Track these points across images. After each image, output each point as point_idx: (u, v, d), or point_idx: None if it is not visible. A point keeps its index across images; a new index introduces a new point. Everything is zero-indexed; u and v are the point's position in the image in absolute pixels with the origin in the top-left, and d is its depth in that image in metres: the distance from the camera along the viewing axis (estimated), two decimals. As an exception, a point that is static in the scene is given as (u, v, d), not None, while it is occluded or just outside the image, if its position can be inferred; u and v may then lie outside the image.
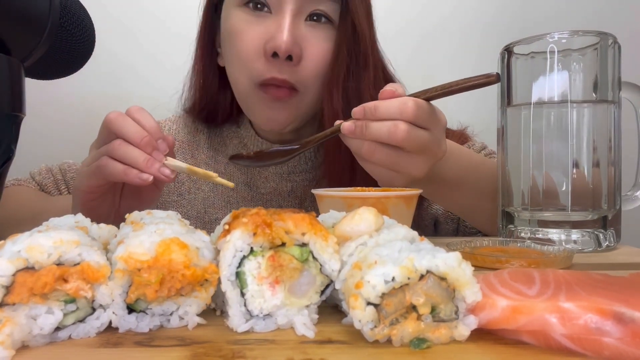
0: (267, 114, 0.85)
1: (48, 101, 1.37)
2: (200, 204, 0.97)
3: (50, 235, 0.34)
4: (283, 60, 0.78)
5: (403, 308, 0.32)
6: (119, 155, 0.64)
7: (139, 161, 0.64)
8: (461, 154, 0.80)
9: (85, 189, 0.69)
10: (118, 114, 0.67)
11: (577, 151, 0.66)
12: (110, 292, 0.35)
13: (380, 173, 0.68)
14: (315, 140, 0.72)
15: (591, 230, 0.66)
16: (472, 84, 0.64)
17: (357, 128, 0.65)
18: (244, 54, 0.81)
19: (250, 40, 0.80)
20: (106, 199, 0.72)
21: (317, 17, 0.81)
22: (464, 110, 1.05)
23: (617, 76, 0.68)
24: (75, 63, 0.62)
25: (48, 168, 1.01)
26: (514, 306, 0.32)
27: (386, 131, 0.62)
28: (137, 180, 0.63)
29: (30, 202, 0.91)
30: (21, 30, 0.51)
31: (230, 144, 0.99)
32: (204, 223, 0.96)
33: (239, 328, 0.35)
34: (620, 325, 0.30)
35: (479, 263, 0.56)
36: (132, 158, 0.64)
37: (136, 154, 0.64)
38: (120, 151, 0.64)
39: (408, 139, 0.62)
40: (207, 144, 1.00)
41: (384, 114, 0.63)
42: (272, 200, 0.96)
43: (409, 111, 0.62)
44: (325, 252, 0.36)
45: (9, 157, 0.50)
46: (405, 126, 0.62)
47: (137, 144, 0.64)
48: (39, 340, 0.33)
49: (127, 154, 0.64)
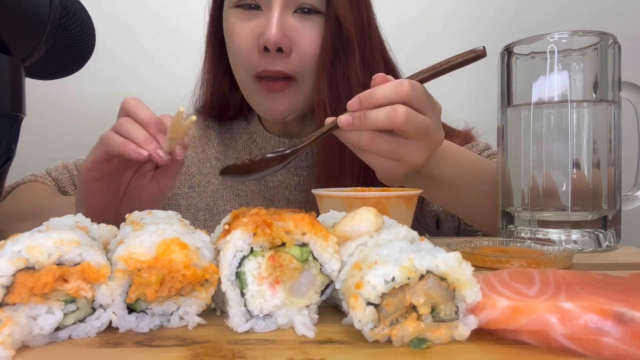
0: (266, 104, 0.89)
1: (48, 101, 1.37)
2: (209, 196, 1.01)
3: (51, 235, 0.34)
4: (274, 53, 0.83)
5: (403, 308, 0.32)
6: (122, 130, 0.66)
7: (140, 137, 0.65)
8: (458, 154, 0.80)
9: (89, 165, 0.70)
10: (135, 98, 0.70)
11: (577, 151, 0.66)
12: (111, 292, 0.35)
13: (381, 163, 0.67)
14: (310, 141, 0.69)
15: (591, 231, 0.66)
16: (462, 60, 0.65)
17: (355, 119, 0.64)
18: (240, 50, 0.87)
19: (244, 36, 0.85)
20: (109, 184, 0.72)
21: (305, 9, 0.85)
22: (466, 109, 1.05)
23: (617, 76, 0.68)
24: (76, 63, 0.62)
25: (64, 165, 1.02)
26: (514, 306, 0.32)
27: (385, 116, 0.62)
28: (133, 154, 0.64)
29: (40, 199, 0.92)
30: (21, 30, 0.51)
31: (240, 140, 1.03)
32: (213, 215, 0.99)
33: (239, 328, 0.35)
34: (620, 325, 0.30)
35: (479, 263, 0.56)
36: (133, 134, 0.66)
37: (138, 131, 0.66)
38: (125, 127, 0.66)
39: (408, 121, 0.62)
40: (218, 139, 1.05)
41: (381, 97, 0.63)
42: (279, 194, 0.99)
43: (405, 91, 0.62)
44: (326, 252, 0.36)
45: (9, 157, 0.50)
46: (404, 109, 0.62)
47: (144, 123, 0.66)
48: (39, 340, 0.33)
49: (130, 130, 0.66)
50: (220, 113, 1.02)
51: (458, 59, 0.65)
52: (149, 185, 0.75)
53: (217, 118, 1.04)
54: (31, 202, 0.91)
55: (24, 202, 0.92)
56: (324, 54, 0.85)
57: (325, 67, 0.85)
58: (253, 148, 1.01)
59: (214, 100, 1.00)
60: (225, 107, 1.01)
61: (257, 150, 1.01)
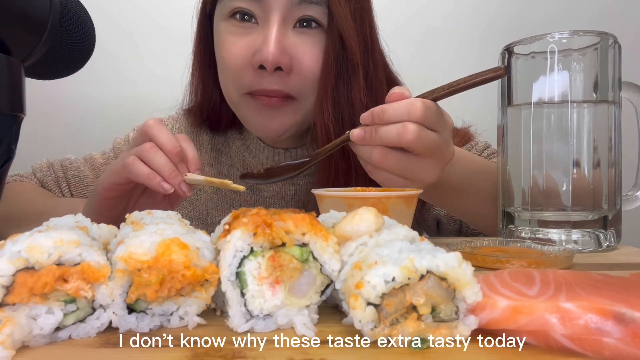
0: (259, 121, 0.83)
1: (48, 101, 1.37)
2: (202, 205, 0.97)
3: (51, 235, 0.34)
4: (272, 72, 0.77)
5: (403, 308, 0.32)
6: (147, 158, 0.66)
7: (165, 169, 0.65)
8: (466, 160, 0.79)
9: (106, 186, 0.70)
10: (157, 121, 0.69)
11: (578, 151, 0.66)
12: (111, 292, 0.35)
13: (392, 182, 0.67)
14: (325, 152, 0.72)
15: (591, 230, 0.66)
16: (480, 79, 0.63)
17: (367, 133, 0.65)
18: (232, 66, 0.80)
19: (237, 52, 0.79)
20: (121, 202, 0.73)
21: (306, 22, 0.79)
22: (467, 108, 1.05)
23: (617, 76, 0.68)
24: (76, 63, 0.62)
25: (49, 164, 1.00)
26: (515, 306, 0.32)
27: (395, 133, 0.62)
28: (158, 188, 0.65)
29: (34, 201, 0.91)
30: (21, 30, 0.51)
31: (233, 145, 0.98)
32: (206, 225, 0.96)
33: (239, 328, 0.35)
34: (620, 325, 0.30)
35: (479, 263, 0.56)
36: (159, 164, 0.65)
37: (163, 162, 0.65)
38: (150, 155, 0.66)
39: (418, 139, 0.61)
40: (210, 144, 0.99)
41: (392, 116, 0.62)
42: (274, 204, 0.96)
43: (418, 112, 0.61)
44: (326, 252, 0.36)
45: (9, 157, 0.50)
46: (415, 127, 0.61)
47: (167, 151, 0.66)
48: (39, 340, 0.33)
49: (155, 159, 0.65)
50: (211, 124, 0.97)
51: (477, 78, 0.63)
52: (160, 204, 0.74)
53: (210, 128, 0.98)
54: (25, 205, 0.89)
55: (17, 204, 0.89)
56: (326, 74, 0.79)
57: (328, 90, 0.79)
58: (247, 156, 0.97)
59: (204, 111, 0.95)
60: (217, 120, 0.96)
61: (250, 158, 0.96)
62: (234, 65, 0.80)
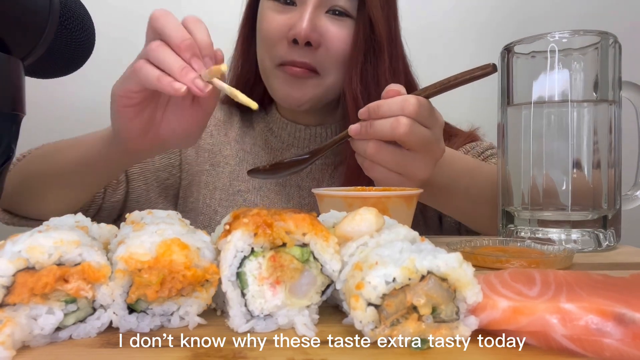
0: (284, 90, 0.92)
1: (48, 101, 1.37)
2: (227, 176, 1.04)
3: (51, 235, 0.34)
4: (302, 46, 0.86)
5: (404, 309, 0.32)
6: (155, 59, 0.60)
7: (174, 68, 0.58)
8: (455, 160, 0.82)
9: (121, 92, 0.64)
10: (164, 11, 0.63)
11: (577, 151, 0.66)
12: (111, 292, 0.35)
13: (386, 177, 0.69)
14: (326, 147, 0.76)
15: (591, 230, 0.66)
16: (470, 77, 0.67)
17: (363, 128, 0.69)
18: (269, 37, 0.90)
19: (275, 26, 0.89)
20: (145, 110, 0.67)
21: (337, 12, 0.88)
22: (468, 108, 1.05)
23: (617, 76, 0.68)
24: (76, 62, 0.62)
25: None
26: (515, 307, 0.32)
27: (389, 126, 0.65)
28: (169, 89, 0.58)
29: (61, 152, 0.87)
30: (21, 29, 0.50)
31: (257, 127, 1.08)
32: (228, 195, 1.02)
33: (239, 328, 0.35)
34: (621, 326, 0.30)
35: (479, 263, 0.56)
36: (167, 63, 0.59)
37: (172, 60, 0.59)
38: (157, 54, 0.60)
39: (410, 133, 0.64)
40: (239, 124, 1.10)
41: (387, 111, 0.66)
42: (291, 179, 1.02)
43: (411, 107, 0.65)
44: (326, 253, 0.36)
45: (9, 157, 0.50)
46: (407, 121, 0.64)
47: (176, 46, 0.60)
48: (40, 340, 0.33)
49: (164, 59, 0.59)
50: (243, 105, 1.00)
51: (466, 76, 0.67)
52: (190, 113, 0.69)
53: (239, 108, 1.09)
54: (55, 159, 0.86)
55: (48, 165, 0.86)
56: (355, 53, 0.88)
57: (356, 65, 0.88)
58: (269, 135, 1.05)
59: (238, 88, 0.97)
60: None
61: (272, 137, 1.04)
62: (272, 37, 0.89)
